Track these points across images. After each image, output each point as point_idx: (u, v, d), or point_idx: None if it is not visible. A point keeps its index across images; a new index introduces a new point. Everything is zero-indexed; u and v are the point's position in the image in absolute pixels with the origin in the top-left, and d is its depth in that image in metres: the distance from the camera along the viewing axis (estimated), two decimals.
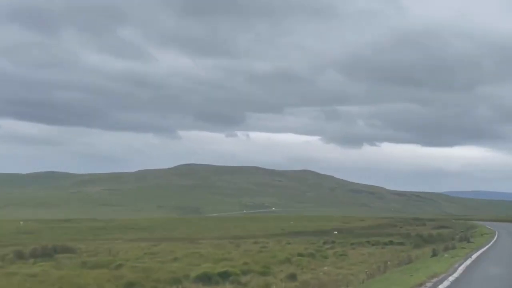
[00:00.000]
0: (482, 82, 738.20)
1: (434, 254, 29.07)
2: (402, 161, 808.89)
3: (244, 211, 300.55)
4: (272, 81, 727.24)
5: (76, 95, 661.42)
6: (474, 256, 27.30)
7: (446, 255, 27.88)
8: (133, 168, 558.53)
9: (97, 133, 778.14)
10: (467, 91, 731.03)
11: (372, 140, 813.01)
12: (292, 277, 20.66)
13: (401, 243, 44.81)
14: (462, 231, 54.85)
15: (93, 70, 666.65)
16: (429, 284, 15.84)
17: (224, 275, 19.81)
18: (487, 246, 36.10)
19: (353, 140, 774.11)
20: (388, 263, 24.89)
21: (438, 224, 77.64)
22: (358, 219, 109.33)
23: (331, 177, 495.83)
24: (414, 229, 70.68)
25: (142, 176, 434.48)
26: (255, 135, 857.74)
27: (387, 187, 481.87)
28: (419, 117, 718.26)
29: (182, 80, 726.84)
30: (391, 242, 44.97)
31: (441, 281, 16.46)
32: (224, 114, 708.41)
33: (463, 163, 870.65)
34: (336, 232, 63.19)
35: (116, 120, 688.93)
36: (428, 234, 55.42)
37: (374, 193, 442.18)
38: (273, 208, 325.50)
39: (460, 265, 22.18)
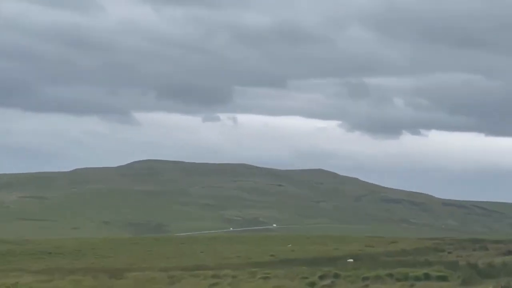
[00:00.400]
0: None
1: None
2: (459, 158, 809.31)
3: (231, 228, 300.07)
4: (271, 41, 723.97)
5: None
6: None
7: None
8: (67, 167, 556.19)
9: (16, 116, 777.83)
10: None
11: (416, 126, 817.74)
12: None
13: (442, 277, 43.93)
14: None
15: (10, 24, 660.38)
16: None
17: None
18: None
19: (388, 127, 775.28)
20: None
21: (508, 248, 75.66)
22: (388, 241, 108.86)
23: (356, 181, 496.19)
24: (469, 256, 69.38)
25: (81, 178, 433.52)
26: (246, 118, 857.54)
27: (437, 195, 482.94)
28: (484, 94, 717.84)
29: (139, 39, 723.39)
30: (426, 276, 43.74)
31: None
32: (201, 89, 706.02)
33: None
34: (351, 260, 62.38)
35: (44, 98, 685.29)
36: (487, 264, 53.88)
37: (417, 203, 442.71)
38: (274, 225, 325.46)
39: None
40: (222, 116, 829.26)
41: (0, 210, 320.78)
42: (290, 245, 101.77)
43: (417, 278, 43.64)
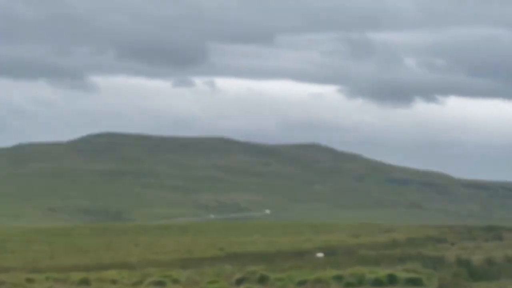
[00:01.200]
0: None
1: None
2: (482, 129, 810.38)
3: (212, 216, 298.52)
4: None
5: None
6: None
7: None
8: (7, 142, 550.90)
9: None
10: None
11: (431, 92, 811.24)
12: None
13: (414, 281, 39.68)
14: None
15: None
16: None
17: None
18: None
19: (398, 93, 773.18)
20: None
21: None
22: (383, 230, 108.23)
23: (358, 158, 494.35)
24: (478, 248, 66.30)
25: (23, 155, 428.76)
26: (225, 83, 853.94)
27: (456, 175, 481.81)
28: (511, 51, 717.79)
29: None
30: (391, 279, 39.75)
31: None
32: (170, 47, 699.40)
33: None
34: (321, 255, 59.30)
35: None
36: (485, 260, 50.41)
37: (431, 184, 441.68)
38: (267, 211, 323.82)
39: None
40: (197, 80, 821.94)
41: None
42: (256, 235, 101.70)
43: (377, 283, 39.09)
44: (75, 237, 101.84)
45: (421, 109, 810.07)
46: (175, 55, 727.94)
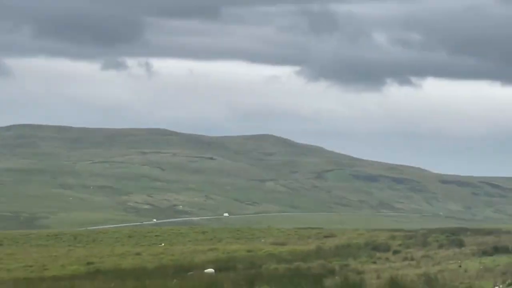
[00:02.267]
0: None
1: None
2: (464, 116, 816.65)
3: (154, 220, 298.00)
4: None
5: None
6: None
7: None
8: None
9: None
10: None
11: (404, 73, 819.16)
12: None
13: None
14: None
15: None
16: None
17: None
18: None
19: (366, 74, 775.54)
20: None
21: (498, 241, 70.09)
22: (322, 235, 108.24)
23: (318, 150, 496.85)
24: (426, 256, 63.63)
25: None
26: (163, 65, 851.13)
27: (434, 170, 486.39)
28: (497, 26, 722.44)
29: None
30: None
31: None
32: (98, 23, 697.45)
33: None
34: (211, 270, 56.21)
35: None
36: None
37: (402, 180, 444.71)
38: (225, 214, 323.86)
39: None
40: (129, 61, 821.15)
41: None
42: (162, 244, 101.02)
43: None
44: None
45: (393, 93, 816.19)
46: (103, 32, 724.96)
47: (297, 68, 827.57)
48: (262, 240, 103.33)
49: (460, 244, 73.89)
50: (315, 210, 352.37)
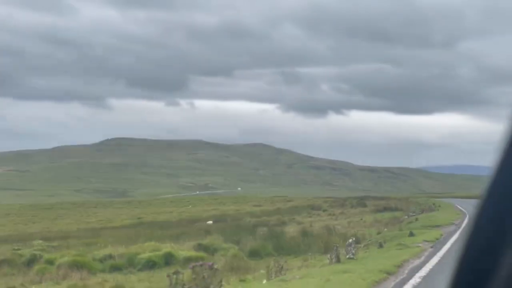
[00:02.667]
0: (464, 37, 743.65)
1: None
2: (373, 132, 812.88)
3: (198, 192, 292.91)
4: (219, 37, 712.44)
5: None
6: None
7: None
8: (50, 145, 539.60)
9: (8, 103, 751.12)
10: (447, 48, 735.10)
11: (339, 107, 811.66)
12: None
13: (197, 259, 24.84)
14: (413, 215, 44.46)
15: None
16: None
17: None
18: (443, 249, 20.51)
19: (317, 108, 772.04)
20: None
21: (387, 204, 66.24)
22: (286, 200, 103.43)
23: (290, 152, 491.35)
24: (341, 214, 59.71)
25: (59, 154, 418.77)
26: (200, 103, 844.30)
27: (356, 163, 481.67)
28: (393, 80, 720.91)
29: (108, 36, 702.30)
30: (168, 257, 24.99)
31: None
32: (163, 79, 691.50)
33: (444, 134, 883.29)
34: (210, 222, 51.54)
35: (32, 87, 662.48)
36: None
37: (339, 169, 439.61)
38: (239, 188, 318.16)
39: None
40: (182, 101, 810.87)
41: None
42: (190, 206, 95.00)
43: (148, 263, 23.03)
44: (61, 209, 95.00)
45: (333, 119, 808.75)
46: (166, 84, 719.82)
47: (277, 105, 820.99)
48: (249, 203, 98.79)
49: (364, 205, 70.64)
50: (287, 186, 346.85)
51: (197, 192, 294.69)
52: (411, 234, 26.10)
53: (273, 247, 25.76)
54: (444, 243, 22.73)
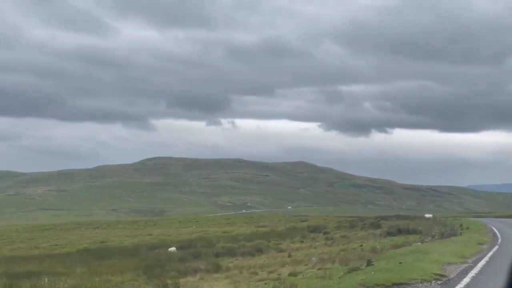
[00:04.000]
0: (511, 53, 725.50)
1: None
2: (417, 150, 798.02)
3: (243, 211, 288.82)
4: (259, 55, 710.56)
5: (24, 79, 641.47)
6: None
7: None
8: (91, 165, 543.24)
9: (53, 124, 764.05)
10: (495, 63, 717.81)
11: (382, 125, 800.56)
12: None
13: None
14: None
15: (42, 46, 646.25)
16: None
17: None
18: None
19: (359, 126, 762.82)
20: None
21: (406, 225, 56.79)
22: (299, 219, 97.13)
23: (331, 170, 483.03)
24: (331, 239, 48.82)
25: (99, 173, 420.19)
26: (242, 122, 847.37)
27: (399, 181, 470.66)
28: (437, 97, 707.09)
29: (148, 57, 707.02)
30: None
31: None
32: (203, 98, 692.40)
33: (491, 151, 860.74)
34: (173, 249, 43.89)
35: (75, 109, 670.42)
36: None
37: (381, 187, 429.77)
38: (289, 207, 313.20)
39: None
40: (223, 120, 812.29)
41: (26, 201, 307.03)
42: (193, 227, 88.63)
43: None
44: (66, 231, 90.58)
45: (376, 137, 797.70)
46: (207, 104, 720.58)
47: (319, 123, 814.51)
48: (261, 223, 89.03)
49: (377, 227, 59.43)
50: (328, 205, 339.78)
51: (243, 211, 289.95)
52: None
53: None
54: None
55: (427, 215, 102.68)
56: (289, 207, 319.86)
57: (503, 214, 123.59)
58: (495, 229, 45.89)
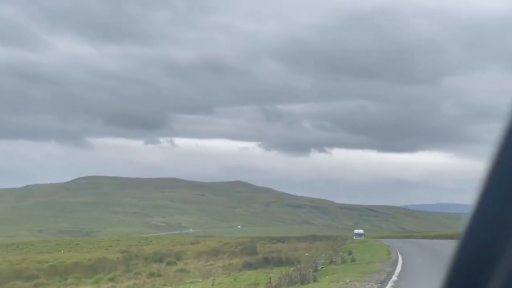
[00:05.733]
0: (448, 73, 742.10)
1: None
2: (356, 170, 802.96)
3: (191, 230, 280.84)
4: (197, 73, 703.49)
5: None
6: None
7: None
8: (20, 184, 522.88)
9: None
10: (430, 84, 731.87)
11: (321, 145, 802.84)
12: None
13: None
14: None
15: None
16: None
17: None
18: None
19: (299, 146, 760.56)
20: None
21: (281, 252, 47.79)
22: (190, 241, 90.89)
23: (269, 190, 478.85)
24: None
25: (27, 192, 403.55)
26: (181, 141, 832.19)
27: (336, 201, 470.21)
28: (375, 117, 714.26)
29: (83, 73, 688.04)
30: None
31: None
32: (141, 117, 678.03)
33: (427, 171, 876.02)
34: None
35: (6, 126, 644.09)
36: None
37: (319, 207, 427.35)
38: (190, 230, 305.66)
39: None
40: (161, 139, 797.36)
41: None
42: (62, 251, 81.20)
43: None
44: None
45: (315, 157, 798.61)
46: (145, 122, 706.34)
47: (258, 143, 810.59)
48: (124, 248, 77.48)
49: (252, 253, 49.97)
50: (264, 225, 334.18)
51: (190, 230, 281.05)
52: None
53: None
54: None
55: (357, 231, 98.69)
56: (239, 226, 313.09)
57: (435, 234, 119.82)
58: (398, 263, 35.52)
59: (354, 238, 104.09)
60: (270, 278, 27.03)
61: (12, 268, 46.42)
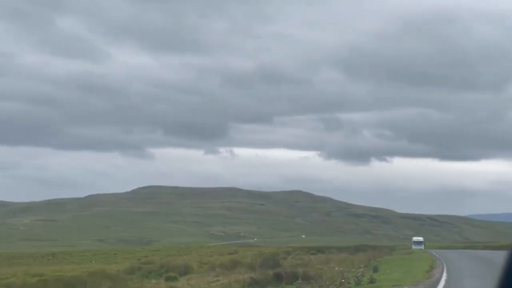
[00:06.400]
0: None
1: None
2: (417, 179, 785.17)
3: (255, 239, 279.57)
4: (255, 82, 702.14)
5: (16, 106, 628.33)
6: None
7: None
8: (83, 194, 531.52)
9: (48, 153, 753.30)
10: (495, 90, 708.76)
11: (382, 154, 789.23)
12: None
13: None
14: None
15: (34, 73, 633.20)
16: None
17: None
18: None
19: (359, 155, 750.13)
20: None
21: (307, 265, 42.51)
22: (227, 252, 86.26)
23: (328, 199, 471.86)
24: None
25: (90, 202, 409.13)
26: (240, 151, 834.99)
27: (398, 210, 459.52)
28: (437, 125, 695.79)
29: (143, 83, 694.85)
30: None
31: None
32: (200, 126, 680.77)
33: (491, 180, 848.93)
34: None
35: (70, 137, 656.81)
36: None
37: (379, 216, 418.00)
38: (255, 239, 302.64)
39: None
40: (221, 149, 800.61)
41: (10, 232, 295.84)
42: (93, 262, 78.67)
43: None
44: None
45: (376, 166, 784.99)
46: (204, 132, 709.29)
47: (318, 152, 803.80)
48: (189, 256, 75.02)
49: (273, 266, 43.26)
50: (324, 234, 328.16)
51: (256, 239, 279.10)
52: None
53: None
54: None
55: (416, 238, 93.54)
56: (303, 236, 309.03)
57: (500, 244, 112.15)
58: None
59: (414, 247, 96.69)
60: None
61: None
